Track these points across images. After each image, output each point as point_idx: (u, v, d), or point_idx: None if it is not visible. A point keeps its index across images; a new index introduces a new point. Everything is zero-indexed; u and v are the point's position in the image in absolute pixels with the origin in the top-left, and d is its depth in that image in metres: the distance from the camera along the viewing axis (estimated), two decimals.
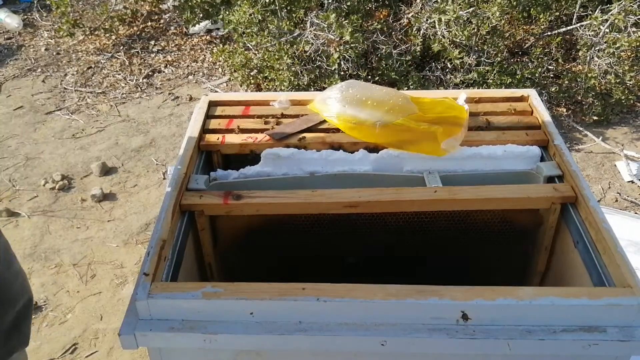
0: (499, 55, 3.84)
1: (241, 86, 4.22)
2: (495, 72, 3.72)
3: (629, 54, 3.76)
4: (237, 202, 1.57)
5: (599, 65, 3.75)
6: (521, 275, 1.86)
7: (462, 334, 1.24)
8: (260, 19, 3.89)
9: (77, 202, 3.31)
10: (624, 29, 3.59)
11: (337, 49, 3.63)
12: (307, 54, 3.76)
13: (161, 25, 5.13)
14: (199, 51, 4.81)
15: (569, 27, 4.02)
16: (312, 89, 3.79)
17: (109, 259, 2.93)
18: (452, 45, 3.73)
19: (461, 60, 3.72)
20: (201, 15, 4.66)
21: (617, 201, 3.27)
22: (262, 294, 1.26)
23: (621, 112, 3.96)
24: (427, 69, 3.93)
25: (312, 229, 1.71)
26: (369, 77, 3.80)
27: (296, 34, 3.77)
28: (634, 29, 3.57)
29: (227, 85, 4.42)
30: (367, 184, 1.69)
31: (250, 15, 3.87)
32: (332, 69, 3.71)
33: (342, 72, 3.72)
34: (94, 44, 4.89)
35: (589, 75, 3.78)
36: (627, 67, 3.75)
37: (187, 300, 1.26)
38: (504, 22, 3.82)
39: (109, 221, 3.17)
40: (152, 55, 4.76)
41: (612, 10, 3.65)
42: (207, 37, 4.96)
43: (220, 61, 4.50)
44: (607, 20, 3.65)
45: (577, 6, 3.96)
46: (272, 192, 1.60)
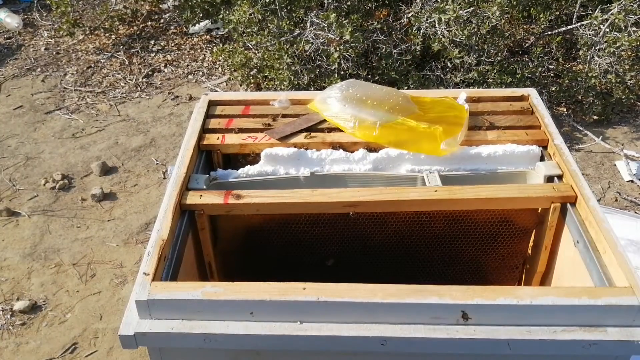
0: (499, 54, 3.84)
1: (241, 85, 4.22)
2: (495, 71, 3.72)
3: (629, 53, 3.76)
4: (237, 201, 1.57)
5: (599, 64, 3.75)
6: (521, 275, 1.86)
7: (462, 334, 1.23)
8: (260, 18, 3.89)
9: (77, 202, 3.31)
10: (624, 28, 3.58)
11: (337, 49, 3.63)
12: (307, 53, 3.76)
13: (161, 24, 5.13)
14: (199, 51, 4.81)
15: (569, 27, 4.02)
16: (312, 89, 3.78)
17: (109, 259, 2.93)
18: (452, 44, 3.73)
19: (461, 59, 3.72)
20: (201, 14, 4.66)
21: (616, 201, 3.27)
22: (262, 294, 1.26)
23: (621, 112, 3.96)
24: (427, 68, 3.93)
25: (312, 228, 1.71)
26: (369, 76, 3.80)
27: (296, 34, 3.77)
28: (634, 29, 3.57)
29: (227, 84, 4.41)
30: (367, 184, 1.69)
31: (250, 14, 3.87)
32: (332, 69, 3.71)
33: (342, 72, 3.72)
34: (93, 44, 4.89)
35: (590, 74, 3.78)
36: (627, 67, 3.75)
37: (187, 300, 1.26)
38: (504, 21, 3.82)
39: (109, 221, 3.17)
40: (152, 54, 4.76)
41: (612, 9, 3.65)
42: (207, 36, 4.96)
43: (220, 60, 4.50)
44: (607, 19, 3.65)
45: (577, 5, 3.95)
46: (272, 192, 1.60)
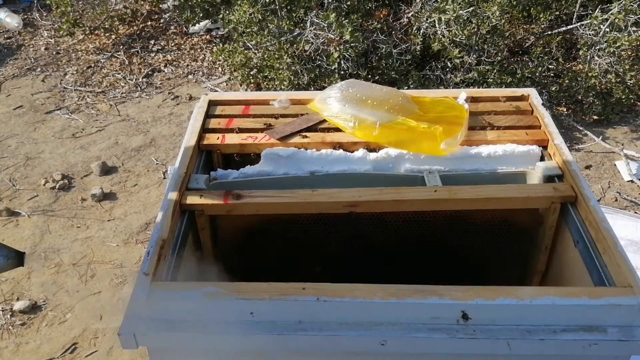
0: (499, 54, 3.84)
1: (241, 85, 4.22)
2: (495, 71, 3.72)
3: (630, 53, 3.76)
4: (237, 201, 1.56)
5: (599, 64, 3.75)
6: (521, 275, 1.85)
7: (462, 334, 1.23)
8: (260, 18, 3.89)
9: (77, 202, 3.31)
10: (624, 28, 3.58)
11: (337, 48, 3.63)
12: (307, 53, 3.76)
13: (161, 24, 5.13)
14: (199, 50, 4.81)
15: (569, 27, 4.01)
16: (312, 88, 3.78)
17: (109, 259, 2.93)
18: (452, 44, 3.73)
19: (461, 59, 3.72)
20: (201, 14, 4.65)
21: (616, 200, 3.27)
22: (262, 294, 1.26)
23: (621, 112, 3.96)
24: (427, 68, 3.93)
25: (312, 228, 1.71)
26: (369, 76, 3.80)
27: (296, 33, 3.77)
28: (634, 28, 3.57)
29: (227, 84, 4.41)
30: (367, 184, 1.69)
31: (250, 14, 3.87)
32: (332, 68, 3.71)
33: (342, 72, 3.72)
34: (93, 44, 4.88)
35: (590, 74, 3.78)
36: (627, 67, 3.75)
37: (187, 300, 1.26)
38: (504, 21, 3.82)
39: (109, 220, 3.17)
40: (152, 54, 4.76)
41: (612, 9, 3.64)
42: (207, 36, 4.96)
43: (220, 60, 4.50)
44: (607, 19, 3.64)
45: (577, 5, 3.95)
46: (272, 192, 1.60)
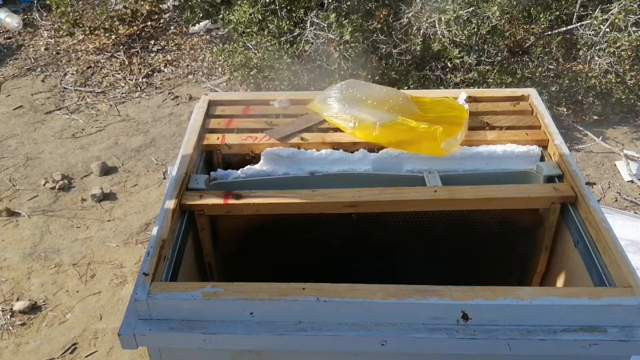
0: (499, 54, 3.84)
1: (241, 85, 4.22)
2: (495, 71, 3.72)
3: (630, 53, 3.75)
4: (237, 201, 1.56)
5: (600, 64, 3.74)
6: (521, 275, 1.85)
7: (462, 334, 1.23)
8: (260, 18, 3.89)
9: (77, 202, 3.31)
10: (624, 28, 3.58)
11: (337, 49, 3.63)
12: (307, 53, 3.76)
13: (161, 24, 5.13)
14: (199, 50, 4.81)
15: (569, 27, 4.01)
16: (312, 89, 3.78)
17: (109, 259, 2.93)
18: (452, 44, 3.73)
19: (461, 59, 3.72)
20: (201, 14, 4.65)
21: (616, 201, 3.27)
22: (262, 294, 1.26)
23: (621, 112, 3.96)
24: (427, 68, 3.93)
25: (312, 228, 1.71)
26: (369, 76, 3.80)
27: (296, 34, 3.77)
28: (634, 29, 3.57)
29: (227, 84, 4.41)
30: (367, 184, 1.69)
31: (250, 14, 3.87)
32: (332, 69, 3.71)
33: (342, 72, 3.72)
34: (93, 44, 4.88)
35: (590, 74, 3.78)
36: (627, 67, 3.75)
37: (187, 300, 1.26)
38: (504, 21, 3.82)
39: (109, 221, 3.17)
40: (152, 54, 4.76)
41: (612, 9, 3.64)
42: (207, 36, 4.96)
43: (220, 60, 4.50)
44: (607, 19, 3.64)
45: (577, 6, 3.95)
46: (272, 192, 1.60)
